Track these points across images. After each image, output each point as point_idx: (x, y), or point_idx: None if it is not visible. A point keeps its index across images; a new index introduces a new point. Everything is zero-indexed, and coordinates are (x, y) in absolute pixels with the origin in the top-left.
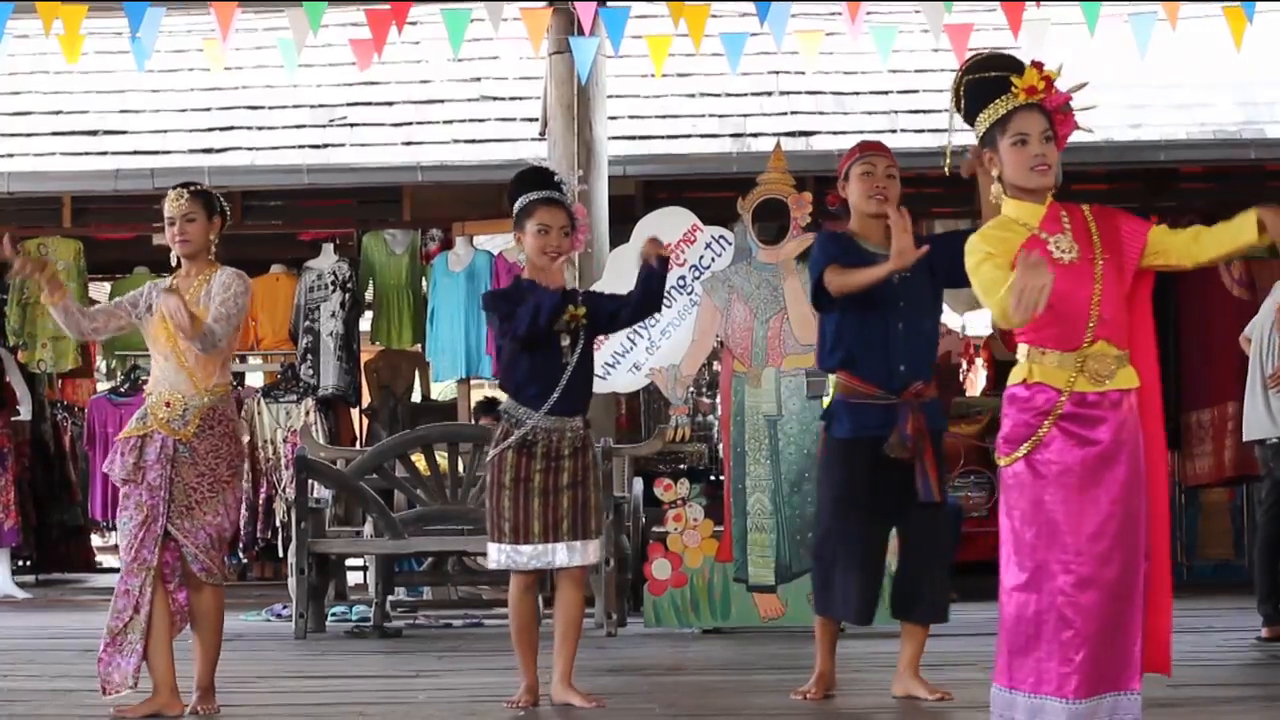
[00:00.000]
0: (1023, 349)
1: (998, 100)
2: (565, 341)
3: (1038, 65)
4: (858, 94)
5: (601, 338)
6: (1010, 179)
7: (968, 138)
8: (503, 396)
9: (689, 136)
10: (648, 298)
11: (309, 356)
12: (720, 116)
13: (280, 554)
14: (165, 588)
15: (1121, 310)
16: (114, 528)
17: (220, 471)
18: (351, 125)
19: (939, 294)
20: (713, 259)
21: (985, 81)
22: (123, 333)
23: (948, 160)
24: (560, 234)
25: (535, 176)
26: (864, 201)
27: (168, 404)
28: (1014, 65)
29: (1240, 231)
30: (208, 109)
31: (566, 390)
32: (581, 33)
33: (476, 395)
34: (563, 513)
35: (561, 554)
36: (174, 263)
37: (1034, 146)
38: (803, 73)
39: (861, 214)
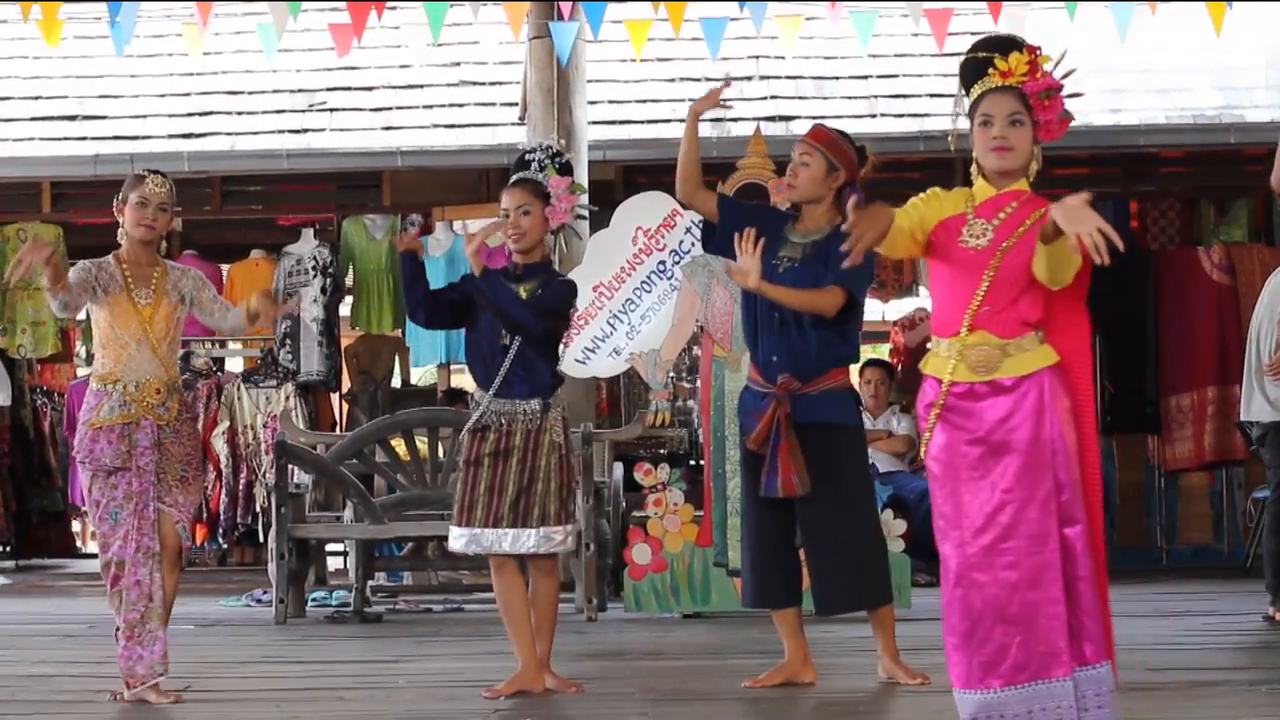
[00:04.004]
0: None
1: (979, 82)
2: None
3: (1033, 49)
4: (837, 78)
5: (580, 322)
6: (976, 158)
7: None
8: (470, 385)
9: (669, 121)
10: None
11: (288, 341)
12: None
13: (260, 539)
14: None
15: (1018, 303)
16: None
17: (197, 451)
18: (331, 110)
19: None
20: (692, 243)
21: (973, 62)
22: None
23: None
24: (519, 214)
25: (514, 164)
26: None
27: (157, 391)
28: (1009, 47)
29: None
30: (187, 94)
31: (511, 371)
32: (561, 17)
33: (457, 380)
34: (506, 498)
35: (497, 539)
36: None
37: (995, 128)
38: (782, 57)
39: None
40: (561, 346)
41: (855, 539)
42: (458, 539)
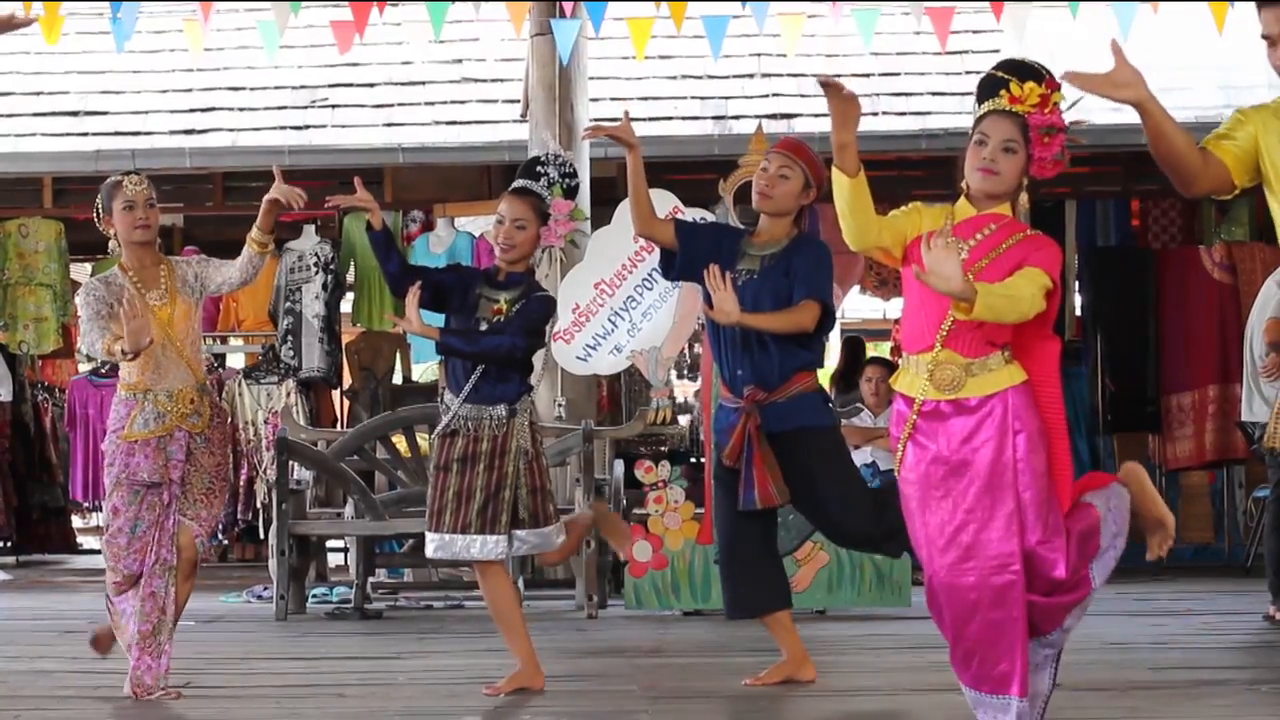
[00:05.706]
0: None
1: (988, 100)
2: (483, 329)
3: (1052, 84)
4: (839, 76)
5: (581, 319)
6: (966, 175)
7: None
8: None
9: (670, 118)
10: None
11: (290, 338)
12: (702, 98)
13: (261, 536)
14: None
15: (985, 324)
16: (95, 508)
17: (227, 458)
18: (333, 107)
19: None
20: None
21: (990, 79)
22: None
23: None
24: (513, 227)
25: (524, 166)
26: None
27: (191, 400)
28: (1028, 75)
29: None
30: (189, 90)
31: (483, 378)
32: (563, 14)
33: None
34: (475, 505)
35: (466, 545)
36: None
37: (988, 150)
38: (784, 55)
39: None
40: (563, 344)
41: (878, 515)
42: (429, 544)
